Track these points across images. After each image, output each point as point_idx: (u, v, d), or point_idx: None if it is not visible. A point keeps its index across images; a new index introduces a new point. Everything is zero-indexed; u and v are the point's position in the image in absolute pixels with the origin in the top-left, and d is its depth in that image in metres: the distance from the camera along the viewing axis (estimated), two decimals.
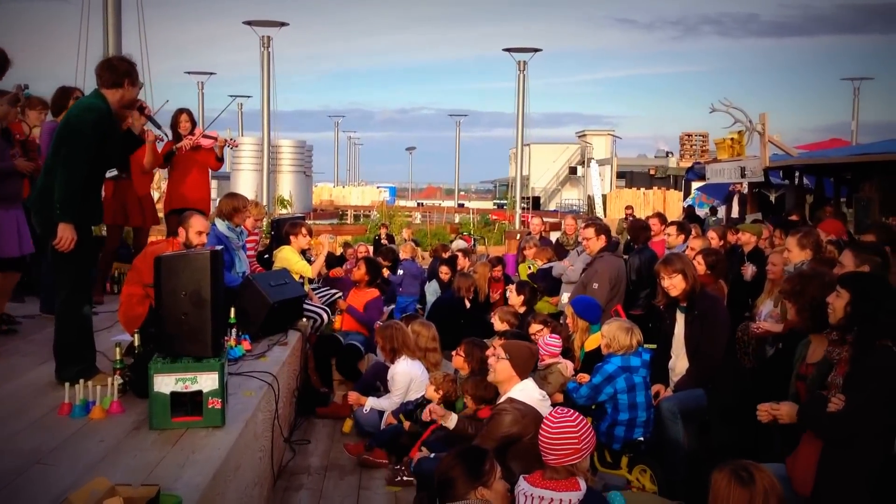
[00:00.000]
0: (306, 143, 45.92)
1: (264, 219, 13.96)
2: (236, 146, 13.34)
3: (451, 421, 6.14)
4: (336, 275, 10.83)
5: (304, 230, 9.27)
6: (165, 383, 4.65)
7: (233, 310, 6.70)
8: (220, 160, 9.79)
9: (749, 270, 8.60)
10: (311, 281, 9.37)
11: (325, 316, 8.94)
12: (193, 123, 9.46)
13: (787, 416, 4.62)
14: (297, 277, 8.66)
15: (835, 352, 4.45)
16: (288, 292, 7.77)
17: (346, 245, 16.48)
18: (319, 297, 9.52)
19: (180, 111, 9.43)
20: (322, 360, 9.00)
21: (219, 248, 5.49)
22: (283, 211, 31.70)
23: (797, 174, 17.12)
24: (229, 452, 4.45)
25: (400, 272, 12.71)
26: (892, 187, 14.26)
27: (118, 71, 5.54)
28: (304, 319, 8.49)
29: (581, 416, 4.04)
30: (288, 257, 8.96)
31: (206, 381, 4.69)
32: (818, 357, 4.84)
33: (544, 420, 4.03)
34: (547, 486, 3.85)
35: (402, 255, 13.85)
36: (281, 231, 9.69)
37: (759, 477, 3.40)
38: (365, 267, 9.73)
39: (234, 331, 6.63)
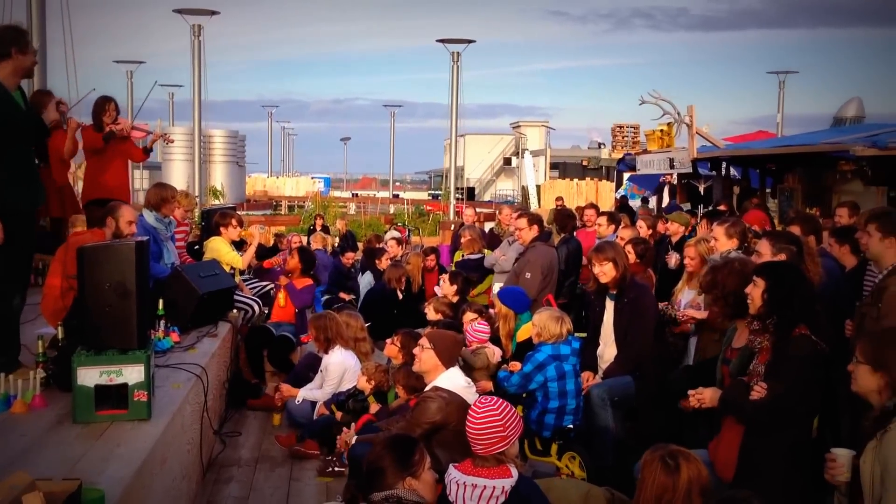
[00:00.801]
0: (239, 134, 45.33)
1: (195, 209, 13.76)
2: (171, 142, 13.09)
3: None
4: (270, 265, 10.71)
5: (234, 221, 9.15)
6: (89, 376, 4.55)
7: (161, 301, 6.59)
8: (147, 152, 9.60)
9: (673, 259, 8.75)
10: (242, 272, 9.27)
11: (256, 307, 8.85)
12: (118, 112, 9.25)
13: (710, 401, 4.75)
14: (227, 268, 8.55)
15: (756, 340, 4.55)
16: (218, 283, 7.68)
17: (279, 236, 16.33)
18: (251, 289, 9.41)
19: (105, 99, 9.20)
20: (253, 352, 8.91)
21: (145, 238, 5.39)
22: (216, 202, 31.23)
23: (724, 165, 17.48)
24: (155, 445, 4.39)
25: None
26: (814, 178, 14.68)
27: (3, 41, 5.20)
28: (235, 311, 8.40)
29: (506, 404, 4.04)
30: (218, 248, 8.84)
31: (132, 374, 4.61)
32: (742, 343, 4.96)
33: (469, 410, 4.03)
34: (479, 473, 3.86)
35: (312, 245, 13.83)
36: (211, 222, 9.55)
37: (685, 467, 3.46)
38: (298, 256, 9.65)
39: (162, 322, 6.52)
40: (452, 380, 5.75)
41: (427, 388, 5.74)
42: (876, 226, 5.32)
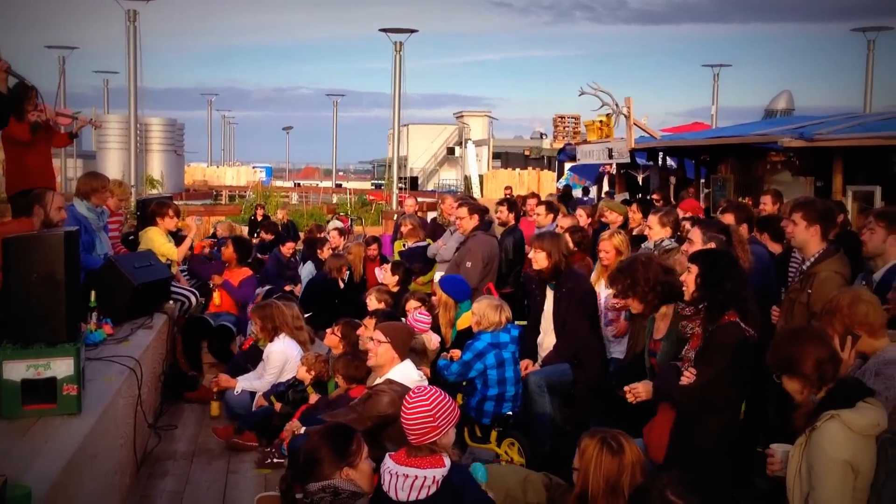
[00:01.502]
0: (178, 122, 44.58)
1: (130, 199, 13.50)
2: (99, 126, 12.79)
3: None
4: (199, 249, 10.51)
5: (170, 211, 9.00)
6: (15, 370, 4.45)
7: (93, 293, 6.47)
8: (73, 137, 9.35)
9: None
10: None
11: (193, 298, 8.74)
12: (40, 100, 8.96)
13: (646, 395, 4.83)
14: (163, 260, 8.42)
15: (688, 326, 4.64)
16: (153, 274, 7.56)
17: (218, 223, 16.18)
18: (188, 280, 9.28)
19: (27, 88, 8.89)
20: (190, 343, 8.80)
21: (74, 228, 5.28)
22: (153, 191, 30.70)
23: (661, 156, 17.73)
24: (85, 440, 4.31)
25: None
26: (745, 169, 14.97)
27: None
28: (172, 302, 8.27)
29: (438, 394, 4.03)
30: (153, 239, 8.69)
31: (61, 367, 4.52)
32: (662, 333, 5.05)
33: (403, 401, 4.04)
34: (411, 463, 3.86)
35: (219, 233, 13.71)
36: (147, 212, 9.39)
37: (627, 447, 3.52)
38: (233, 246, 9.53)
39: (94, 314, 6.40)
40: (405, 373, 5.74)
41: (379, 381, 5.73)
42: (801, 214, 5.45)
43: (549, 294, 6.81)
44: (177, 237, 9.35)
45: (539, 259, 6.64)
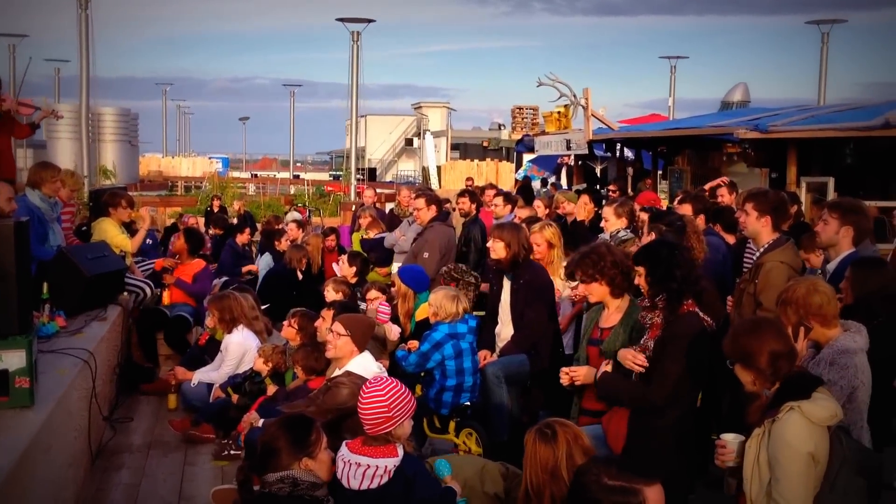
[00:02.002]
0: (131, 112, 43.95)
1: (82, 190, 13.31)
2: (60, 117, 12.58)
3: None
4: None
5: (124, 201, 8.88)
6: None
7: (46, 284, 6.37)
8: (34, 128, 9.21)
9: None
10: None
11: (147, 290, 8.64)
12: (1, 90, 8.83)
13: (585, 378, 4.87)
14: (117, 251, 8.31)
15: (647, 317, 4.65)
16: (106, 265, 7.46)
17: (180, 216, 16.03)
18: (143, 271, 9.17)
19: None
20: (146, 335, 8.71)
21: (24, 219, 5.19)
22: (106, 182, 30.23)
23: (619, 147, 17.89)
24: (38, 433, 4.26)
25: (148, 241, 12.33)
26: (702, 160, 15.17)
27: None
28: (126, 293, 8.17)
29: (394, 385, 4.05)
30: (106, 230, 8.57)
31: (13, 360, 4.44)
32: (613, 322, 5.07)
33: (360, 392, 4.04)
34: (365, 452, 3.88)
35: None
36: (100, 202, 9.25)
37: (561, 432, 3.54)
38: (184, 238, 9.42)
39: (46, 306, 6.30)
40: (365, 365, 5.74)
41: (338, 373, 5.72)
42: (752, 205, 5.52)
43: (507, 284, 6.83)
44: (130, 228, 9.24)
45: (498, 249, 6.66)
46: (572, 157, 19.10)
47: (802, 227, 7.55)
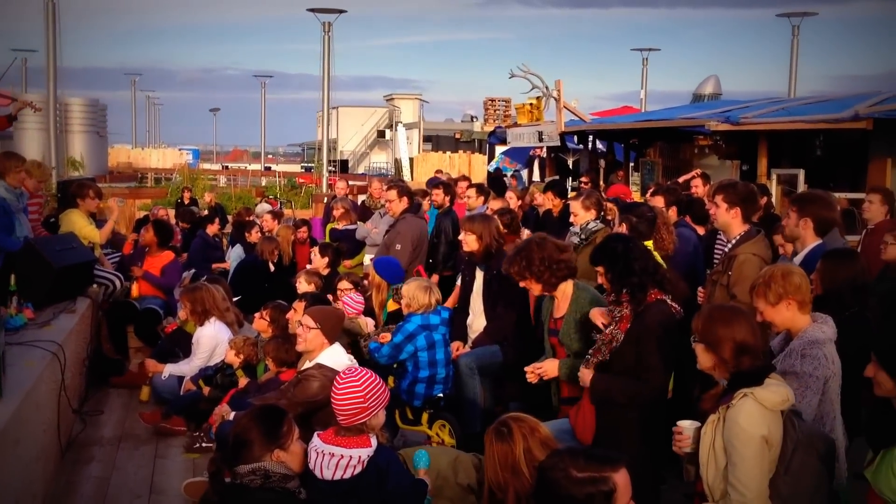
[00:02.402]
0: (100, 102, 43.44)
1: (50, 181, 13.15)
2: (39, 109, 12.40)
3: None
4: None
5: (92, 192, 8.78)
6: None
7: (13, 276, 6.29)
8: (11, 120, 9.10)
9: (524, 235, 8.92)
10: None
11: (117, 282, 8.56)
12: None
13: (551, 372, 4.90)
14: (86, 242, 8.22)
15: (616, 311, 4.66)
16: (75, 257, 7.38)
17: (150, 208, 15.87)
18: (112, 263, 9.08)
19: None
20: (116, 328, 8.63)
21: None
22: (75, 173, 29.90)
23: (591, 139, 17.95)
24: (6, 426, 4.21)
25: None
26: (673, 152, 15.26)
27: None
28: (95, 286, 8.09)
29: (369, 376, 4.05)
30: (74, 221, 8.47)
31: None
32: (563, 311, 5.09)
33: (334, 381, 4.03)
34: (337, 442, 3.88)
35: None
36: (68, 193, 9.14)
37: (516, 428, 3.54)
38: (153, 230, 9.33)
39: (14, 298, 6.23)
40: (336, 357, 5.72)
41: (309, 365, 5.70)
42: (722, 197, 5.57)
43: (479, 275, 6.84)
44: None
45: (469, 241, 6.67)
46: (545, 150, 19.13)
47: (772, 218, 7.62)
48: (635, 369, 4.47)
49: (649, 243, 5.81)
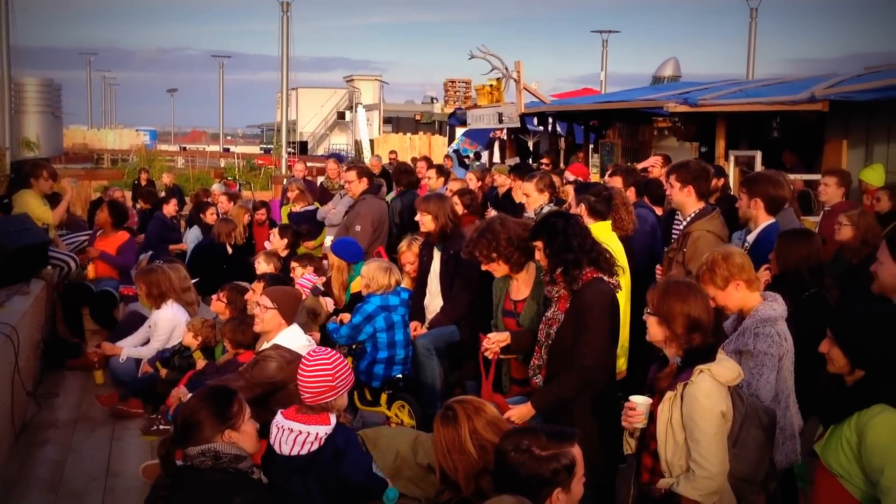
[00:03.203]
0: (54, 82, 42.71)
1: (4, 161, 12.93)
2: None
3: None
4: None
5: (45, 173, 8.64)
6: None
7: None
8: None
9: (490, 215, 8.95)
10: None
11: (72, 263, 8.44)
12: None
13: (504, 341, 4.80)
14: (40, 224, 8.09)
15: (553, 290, 4.66)
16: (28, 238, 7.28)
17: (105, 189, 15.62)
18: (67, 244, 8.95)
19: None
20: (71, 310, 8.51)
21: None
22: (30, 154, 29.37)
23: (551, 121, 17.98)
24: None
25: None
26: (632, 134, 15.36)
27: None
28: (50, 267, 7.97)
29: (338, 355, 4.09)
30: (28, 202, 8.33)
31: None
32: (524, 294, 5.10)
33: (301, 360, 4.03)
34: (298, 419, 3.90)
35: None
36: (21, 174, 8.98)
37: (460, 410, 3.54)
38: (108, 210, 9.19)
39: None
40: (293, 338, 5.70)
41: (266, 347, 5.67)
42: (675, 177, 5.63)
43: (437, 255, 6.83)
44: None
45: (426, 222, 6.66)
46: (504, 131, 19.13)
47: (730, 199, 7.71)
48: (565, 347, 4.50)
49: (608, 223, 5.82)
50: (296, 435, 3.86)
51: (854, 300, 4.54)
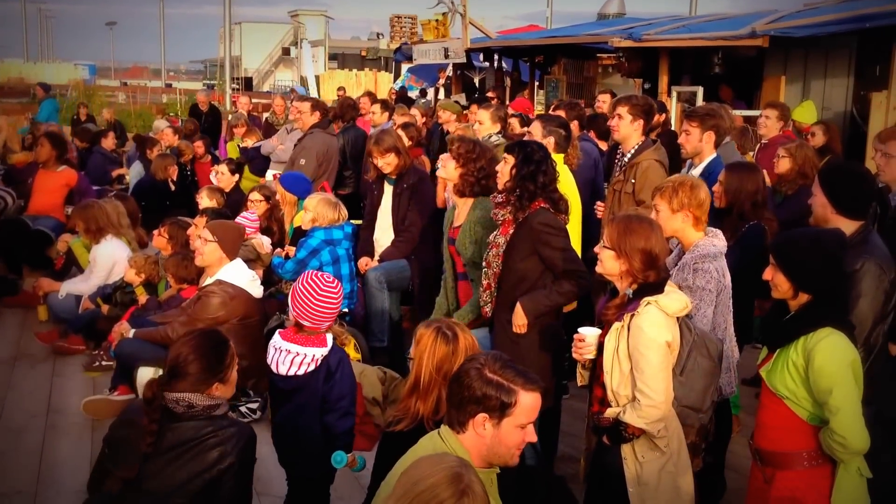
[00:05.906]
0: None
1: None
2: None
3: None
4: (21, 162, 9.84)
5: None
6: None
7: None
8: None
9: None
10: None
11: (10, 199, 8.23)
12: None
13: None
14: None
15: (500, 213, 4.69)
16: None
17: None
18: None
19: None
20: (8, 246, 8.30)
21: None
22: None
23: (497, 58, 17.85)
24: None
25: None
26: (577, 70, 15.33)
27: None
28: None
29: (338, 283, 4.08)
30: None
31: None
32: (462, 220, 5.15)
33: (308, 285, 3.96)
34: (297, 340, 3.91)
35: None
36: None
37: (462, 337, 3.57)
38: (49, 144, 8.92)
39: None
40: (237, 273, 5.64)
41: (210, 281, 5.61)
42: (627, 108, 5.64)
43: (388, 190, 6.78)
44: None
45: (390, 161, 6.54)
46: (449, 68, 18.96)
47: (671, 135, 7.77)
48: (533, 274, 4.56)
49: (561, 156, 5.85)
50: (293, 356, 3.89)
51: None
